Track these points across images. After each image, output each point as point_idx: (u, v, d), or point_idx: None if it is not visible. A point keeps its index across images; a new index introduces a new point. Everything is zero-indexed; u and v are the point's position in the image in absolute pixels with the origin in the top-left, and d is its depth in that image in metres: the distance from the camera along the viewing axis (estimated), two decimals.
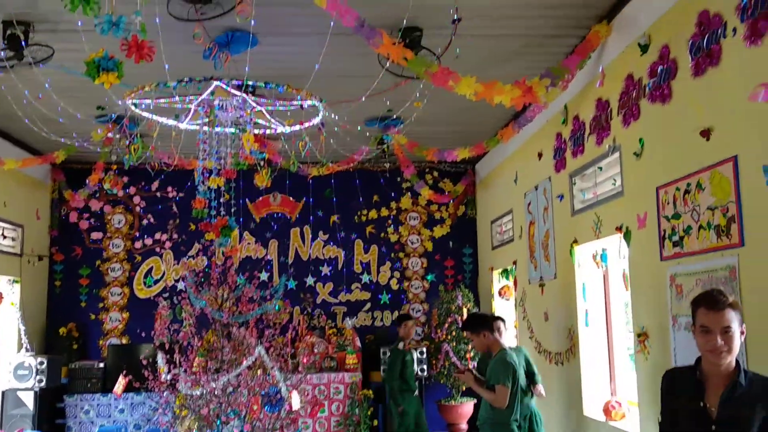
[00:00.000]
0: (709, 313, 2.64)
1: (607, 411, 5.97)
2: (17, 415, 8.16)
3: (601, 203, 6.07)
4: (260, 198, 10.82)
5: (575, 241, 6.66)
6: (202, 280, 6.56)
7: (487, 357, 5.52)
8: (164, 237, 10.70)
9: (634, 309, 5.41)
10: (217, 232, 5.83)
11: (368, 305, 10.90)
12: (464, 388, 9.60)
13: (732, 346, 2.61)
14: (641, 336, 5.21)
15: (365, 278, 10.92)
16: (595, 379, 6.45)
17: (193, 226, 10.22)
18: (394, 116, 7.67)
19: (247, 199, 10.69)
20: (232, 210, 6.38)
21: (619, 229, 5.62)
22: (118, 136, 7.68)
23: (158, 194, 10.70)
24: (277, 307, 6.19)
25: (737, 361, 2.66)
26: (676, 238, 4.70)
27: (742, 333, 2.64)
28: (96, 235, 10.63)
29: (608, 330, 6.49)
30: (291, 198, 10.87)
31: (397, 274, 11.02)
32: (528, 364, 6.19)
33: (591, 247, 6.49)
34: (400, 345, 6.76)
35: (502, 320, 5.83)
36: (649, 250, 5.10)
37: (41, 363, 8.35)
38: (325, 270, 10.86)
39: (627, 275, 5.54)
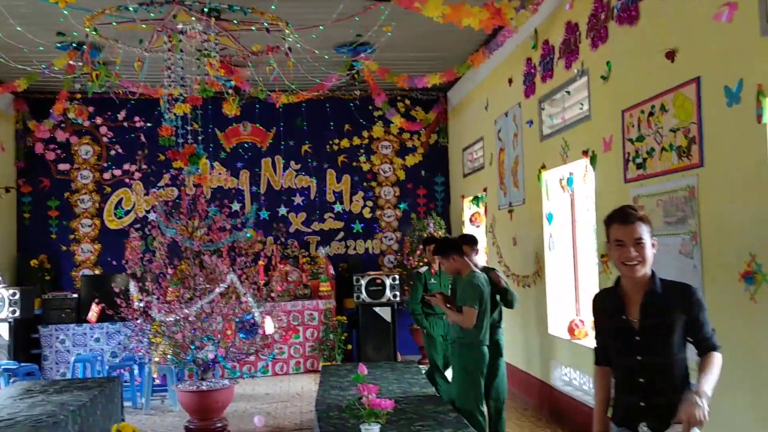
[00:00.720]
0: (621, 227, 2.71)
1: (570, 330, 6.19)
2: None
3: (569, 128, 6.11)
4: (230, 127, 10.69)
5: (543, 167, 6.74)
6: (172, 210, 6.53)
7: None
8: (133, 168, 10.58)
9: (599, 231, 5.54)
10: (185, 160, 5.78)
11: (341, 234, 10.99)
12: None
13: (644, 256, 2.68)
14: (604, 257, 5.35)
15: (338, 207, 10.97)
16: (560, 299, 6.65)
17: (162, 157, 10.10)
18: (364, 42, 7.54)
19: (216, 129, 10.56)
20: (199, 138, 6.31)
21: (585, 153, 5.69)
22: (80, 63, 7.48)
23: (125, 124, 10.52)
24: (248, 236, 6.21)
25: (652, 272, 2.73)
26: (639, 160, 4.78)
27: (653, 245, 2.72)
28: (63, 167, 10.47)
29: (574, 253, 6.65)
30: (261, 127, 10.77)
31: (369, 203, 11.08)
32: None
33: (558, 172, 6.56)
34: (423, 269, 6.74)
35: (475, 241, 5.82)
36: (613, 173, 5.19)
37: (14, 294, 8.34)
38: (298, 200, 10.87)
39: (591, 199, 5.64)
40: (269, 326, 6.01)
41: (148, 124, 10.36)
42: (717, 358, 2.65)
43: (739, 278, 3.71)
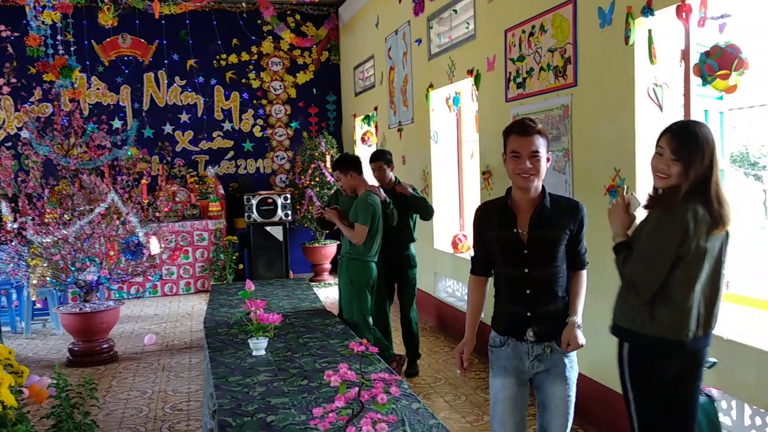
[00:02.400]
0: (518, 138, 2.71)
1: (454, 244, 6.45)
2: None
3: (456, 47, 6.18)
4: (107, 39, 10.02)
5: (431, 86, 6.81)
6: (45, 127, 6.16)
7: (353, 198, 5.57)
8: (1, 81, 9.79)
9: (482, 149, 5.73)
10: (56, 72, 5.42)
11: (231, 153, 10.75)
12: (327, 232, 9.94)
13: (538, 168, 2.70)
14: (485, 174, 5.56)
15: (227, 126, 10.68)
16: (445, 215, 6.89)
17: (33, 70, 9.37)
18: None
19: (93, 41, 9.89)
20: (72, 49, 5.90)
21: (470, 72, 5.79)
22: None
23: None
24: (129, 154, 5.97)
25: (543, 187, 2.77)
26: (519, 80, 4.93)
27: (548, 160, 2.74)
28: None
29: (459, 170, 6.86)
30: (142, 40, 10.16)
31: (260, 121, 10.85)
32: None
33: (445, 91, 6.67)
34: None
35: (383, 158, 5.73)
36: (496, 92, 5.34)
37: None
38: (184, 117, 10.48)
39: (474, 117, 5.80)
40: (154, 246, 5.90)
41: (15, 34, 9.54)
42: (584, 278, 2.85)
43: (604, 192, 3.98)
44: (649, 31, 3.57)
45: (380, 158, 5.57)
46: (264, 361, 3.82)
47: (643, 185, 3.71)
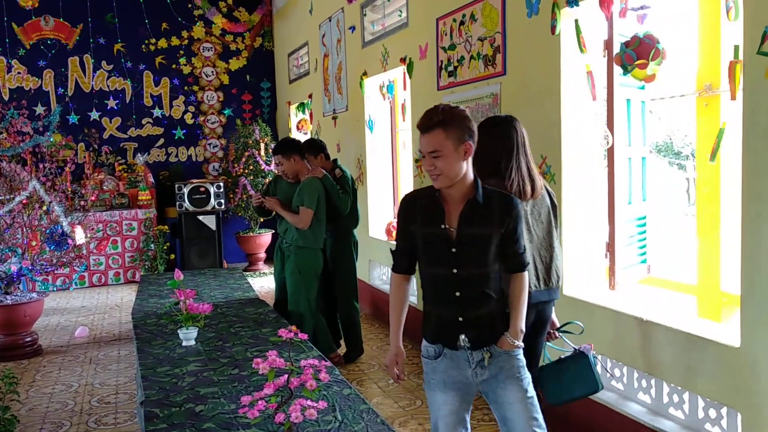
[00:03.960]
0: (421, 136, 2.43)
1: (388, 231, 6.49)
2: None
3: (389, 35, 6.18)
4: (29, 21, 9.60)
5: (365, 74, 6.80)
6: None
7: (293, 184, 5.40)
8: None
9: (414, 138, 5.76)
10: None
11: (162, 141, 10.47)
12: (262, 221, 9.84)
13: (442, 169, 2.39)
14: (418, 161, 5.60)
15: (157, 112, 10.40)
16: (380, 203, 6.92)
17: None
18: None
19: (13, 22, 9.46)
20: None
21: (403, 60, 5.81)
22: None
23: None
24: (51, 140, 5.74)
25: (475, 178, 2.48)
26: (451, 68, 4.98)
27: (466, 151, 2.40)
28: None
29: (393, 158, 6.89)
30: (66, 22, 9.78)
31: (192, 108, 10.60)
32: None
33: (379, 79, 6.67)
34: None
35: (320, 147, 5.59)
36: (428, 81, 5.37)
37: None
38: (112, 103, 10.14)
39: (407, 106, 5.82)
40: (79, 236, 5.71)
41: None
42: (525, 281, 2.56)
43: None
44: (576, 21, 3.65)
45: (317, 148, 5.41)
46: (194, 351, 3.76)
47: (569, 171, 3.81)
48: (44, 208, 5.67)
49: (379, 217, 6.91)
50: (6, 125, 5.83)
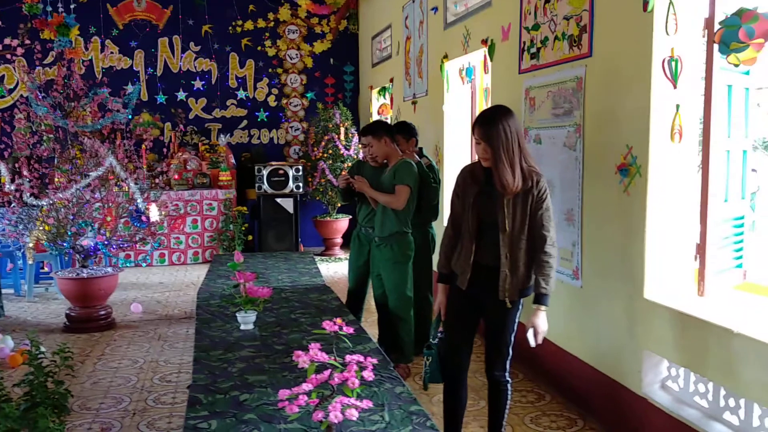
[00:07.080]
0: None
1: None
2: None
3: (471, 15, 5.90)
4: (122, 2, 9.86)
5: (446, 57, 6.55)
6: (47, 87, 6.02)
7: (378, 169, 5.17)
8: (15, 42, 9.65)
9: None
10: (53, 30, 5.25)
11: (245, 122, 10.58)
12: (339, 205, 9.77)
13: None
14: None
15: (241, 94, 10.50)
16: None
17: (47, 32, 9.24)
18: None
19: (107, 3, 9.74)
20: (72, 7, 5.73)
21: (484, 42, 5.53)
22: None
23: None
24: (129, 116, 5.80)
25: None
26: (533, 50, 4.66)
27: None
28: None
29: (472, 146, 6.61)
30: (157, 4, 9.99)
31: (275, 90, 10.65)
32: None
33: (459, 63, 6.40)
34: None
35: (412, 131, 5.40)
36: (509, 64, 5.07)
37: None
38: (198, 84, 10.31)
39: (489, 90, 5.54)
40: (154, 214, 5.76)
41: None
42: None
43: (615, 170, 3.73)
44: None
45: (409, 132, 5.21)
46: (250, 335, 3.67)
47: (656, 164, 3.46)
48: (119, 184, 5.75)
49: None
50: (90, 102, 5.94)
